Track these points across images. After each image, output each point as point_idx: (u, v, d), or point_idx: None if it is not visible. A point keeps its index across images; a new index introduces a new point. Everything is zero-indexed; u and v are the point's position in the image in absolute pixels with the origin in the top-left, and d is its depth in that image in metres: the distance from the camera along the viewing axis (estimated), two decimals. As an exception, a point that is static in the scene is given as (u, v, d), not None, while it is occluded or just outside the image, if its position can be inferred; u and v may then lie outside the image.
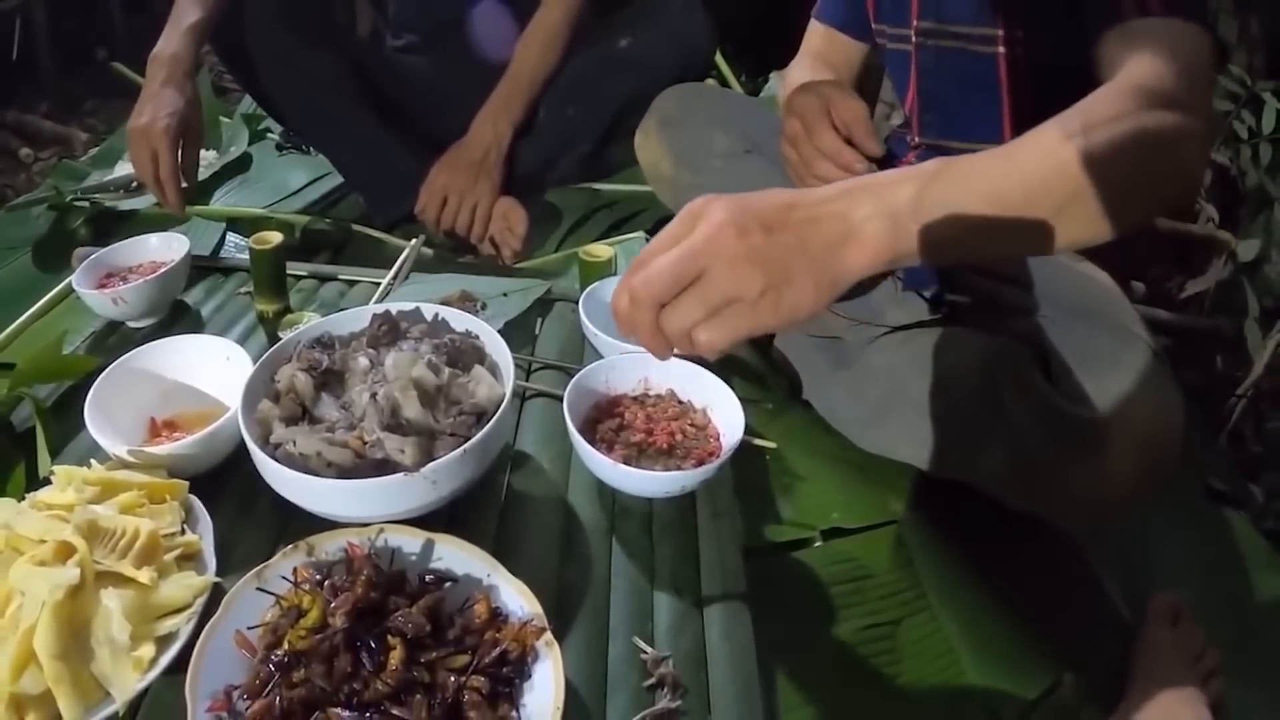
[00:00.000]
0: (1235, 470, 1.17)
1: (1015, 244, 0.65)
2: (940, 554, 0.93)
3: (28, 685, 0.61)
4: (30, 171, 2.05)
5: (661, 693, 0.66)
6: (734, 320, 0.56)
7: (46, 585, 0.63)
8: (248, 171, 1.65)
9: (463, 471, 0.72)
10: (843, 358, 0.97)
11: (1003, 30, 0.90)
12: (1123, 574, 0.93)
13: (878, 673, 0.82)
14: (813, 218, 0.57)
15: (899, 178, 0.60)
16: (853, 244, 0.57)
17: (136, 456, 0.78)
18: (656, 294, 0.56)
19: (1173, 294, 1.45)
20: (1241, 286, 1.31)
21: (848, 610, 0.87)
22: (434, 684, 0.59)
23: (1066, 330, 0.85)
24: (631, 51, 1.47)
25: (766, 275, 0.54)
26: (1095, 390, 0.77)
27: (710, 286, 0.55)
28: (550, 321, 1.11)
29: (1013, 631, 0.86)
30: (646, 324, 0.57)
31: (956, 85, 0.98)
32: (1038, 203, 0.61)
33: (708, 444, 0.84)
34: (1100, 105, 0.65)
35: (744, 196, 0.57)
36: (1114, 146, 0.62)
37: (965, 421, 0.86)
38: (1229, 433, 1.29)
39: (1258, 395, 1.29)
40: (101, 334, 1.08)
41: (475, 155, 1.40)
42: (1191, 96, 0.66)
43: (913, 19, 0.98)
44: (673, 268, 0.55)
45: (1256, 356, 1.27)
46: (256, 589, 0.65)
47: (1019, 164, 0.61)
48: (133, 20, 2.60)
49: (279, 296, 1.07)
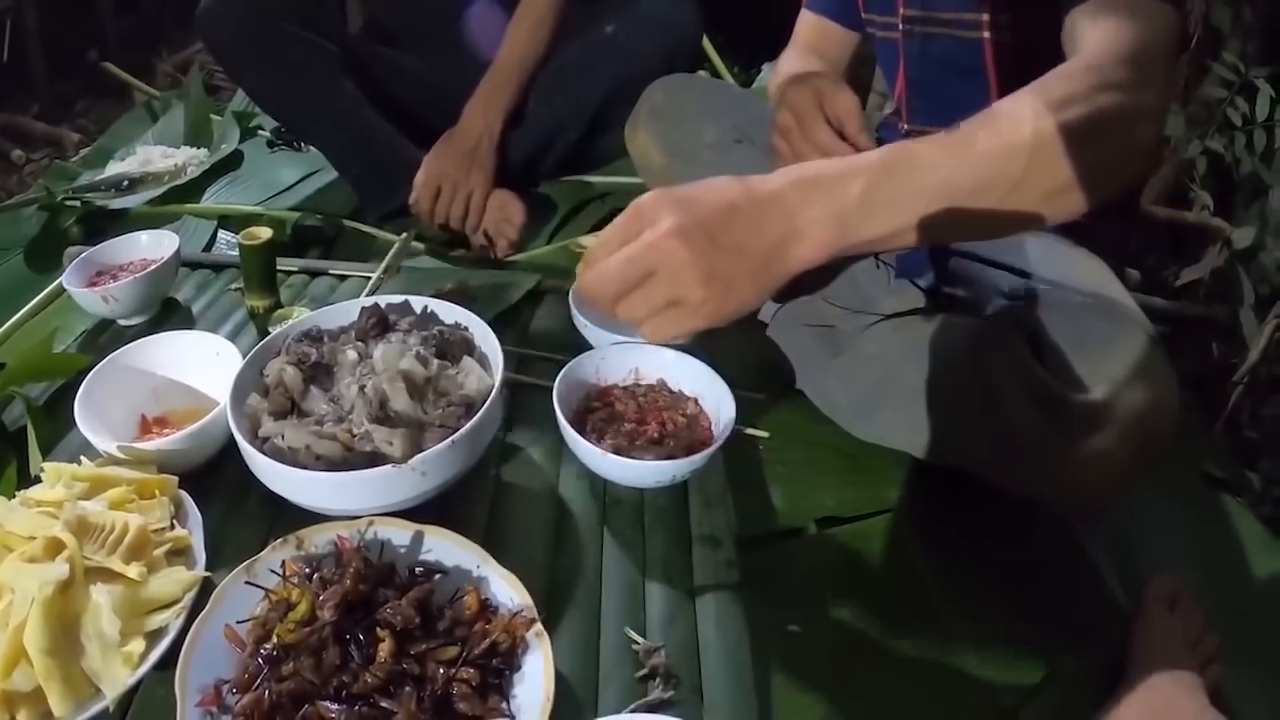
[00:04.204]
0: (1232, 457, 1.17)
1: (963, 232, 0.66)
2: (935, 542, 0.92)
3: (18, 681, 0.61)
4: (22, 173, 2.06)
5: (654, 683, 0.66)
6: (678, 320, 0.59)
7: (36, 581, 0.63)
8: (239, 169, 1.64)
9: (452, 463, 0.72)
10: (836, 346, 0.97)
11: (987, 15, 0.90)
12: (1120, 560, 0.93)
13: (873, 661, 0.81)
14: (756, 219, 0.59)
15: (847, 171, 0.61)
16: (797, 243, 0.59)
17: (126, 453, 0.79)
18: (606, 293, 0.59)
19: (1168, 282, 1.45)
20: (1237, 274, 1.31)
21: (842, 599, 0.86)
22: (423, 676, 0.59)
23: (1060, 313, 0.85)
24: (617, 38, 1.47)
25: (708, 282, 0.57)
26: (1088, 373, 0.78)
27: (654, 290, 0.58)
28: (542, 313, 1.11)
29: (1009, 618, 0.85)
30: (605, 313, 0.61)
31: (943, 71, 0.98)
32: (987, 192, 0.62)
33: (699, 433, 0.84)
34: (1054, 87, 0.66)
35: (690, 195, 0.59)
36: (1066, 131, 0.62)
37: (958, 407, 0.86)
38: (1225, 420, 1.29)
39: (1253, 382, 1.29)
40: (93, 332, 1.09)
41: (467, 144, 1.39)
42: (1148, 74, 0.67)
43: (899, 7, 0.98)
44: (619, 271, 0.58)
45: (1252, 344, 1.27)
46: (245, 583, 0.65)
47: (969, 153, 0.62)
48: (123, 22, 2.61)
49: (269, 292, 1.07)
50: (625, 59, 1.43)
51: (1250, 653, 0.85)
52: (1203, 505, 1.03)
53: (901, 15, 0.98)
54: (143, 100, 2.03)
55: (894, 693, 0.80)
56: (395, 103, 1.50)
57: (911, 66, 1.01)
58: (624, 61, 1.42)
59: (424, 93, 1.51)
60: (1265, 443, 1.26)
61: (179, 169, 1.61)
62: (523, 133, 1.48)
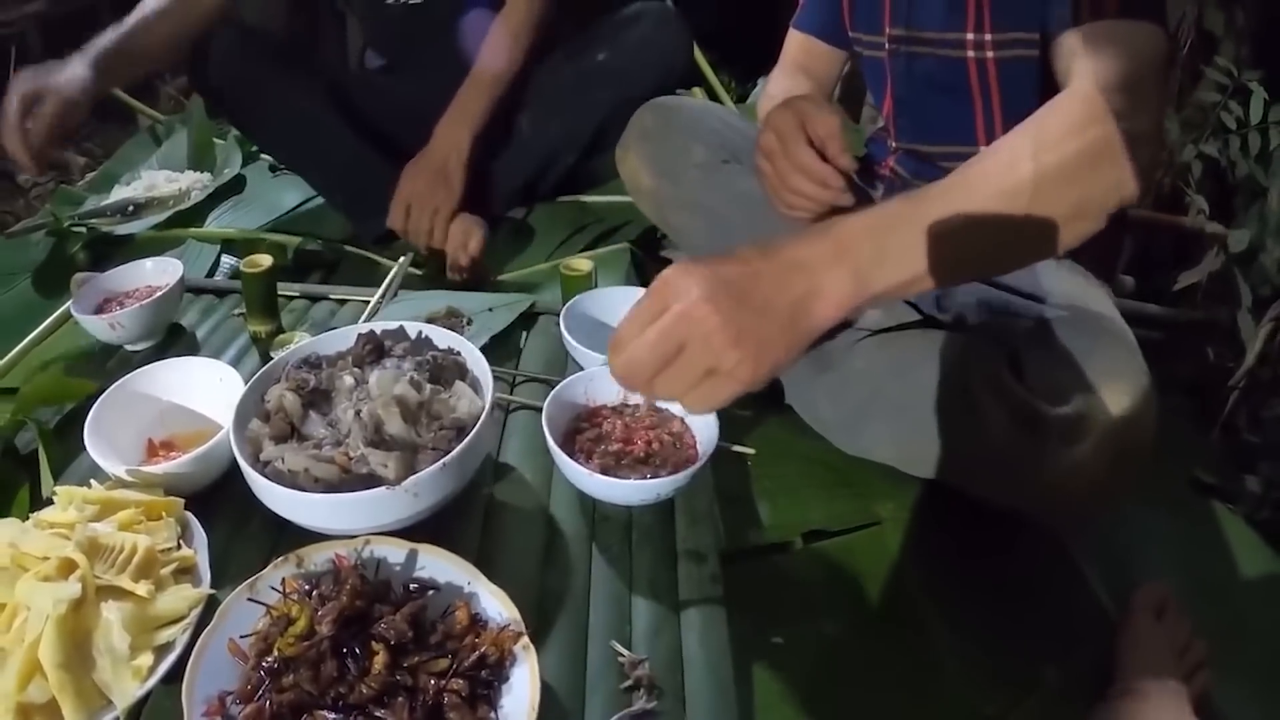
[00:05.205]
0: (1227, 463, 1.17)
1: (976, 271, 0.68)
2: (922, 554, 0.93)
3: (34, 694, 0.64)
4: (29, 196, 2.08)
5: (638, 694, 0.68)
6: (717, 388, 0.58)
7: (50, 599, 0.65)
8: (241, 193, 1.67)
9: (443, 484, 0.74)
10: (824, 362, 0.99)
11: (970, 35, 0.92)
12: (1109, 568, 0.93)
13: (856, 671, 0.82)
14: (780, 279, 0.60)
15: (859, 232, 0.63)
16: (819, 300, 0.60)
17: (134, 476, 0.81)
18: (642, 377, 0.59)
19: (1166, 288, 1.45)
20: (1234, 277, 1.31)
21: (828, 611, 0.87)
22: (416, 687, 0.62)
23: (1038, 327, 0.86)
24: (609, 64, 1.49)
25: (740, 344, 0.57)
26: (1065, 386, 0.79)
27: (689, 363, 0.58)
28: (534, 335, 1.14)
29: (996, 629, 0.86)
30: (643, 393, 0.60)
31: (929, 90, 0.99)
32: (993, 234, 0.64)
33: (684, 452, 0.86)
34: (1049, 122, 0.67)
35: (713, 266, 0.59)
36: (1064, 166, 0.65)
37: (941, 421, 0.88)
38: (1222, 424, 1.29)
39: (1250, 385, 1.29)
40: (101, 357, 1.11)
41: (435, 162, 1.42)
42: (1142, 98, 0.68)
43: (885, 26, 0.99)
44: (652, 349, 0.58)
45: (1249, 347, 1.27)
46: (248, 599, 0.68)
47: (971, 198, 0.64)
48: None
49: (271, 317, 1.10)
50: (619, 84, 1.45)
51: (1241, 660, 0.86)
52: (1194, 512, 1.04)
53: (887, 35, 1.00)
54: (147, 124, 2.05)
55: (878, 703, 0.80)
56: (387, 129, 1.53)
57: (898, 85, 1.03)
58: (618, 87, 1.45)
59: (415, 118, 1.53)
60: (1265, 446, 1.26)
61: (183, 193, 1.63)
62: (518, 158, 1.51)
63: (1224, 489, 1.09)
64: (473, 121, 1.43)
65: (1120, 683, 0.78)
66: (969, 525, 0.93)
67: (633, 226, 1.50)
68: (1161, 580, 0.87)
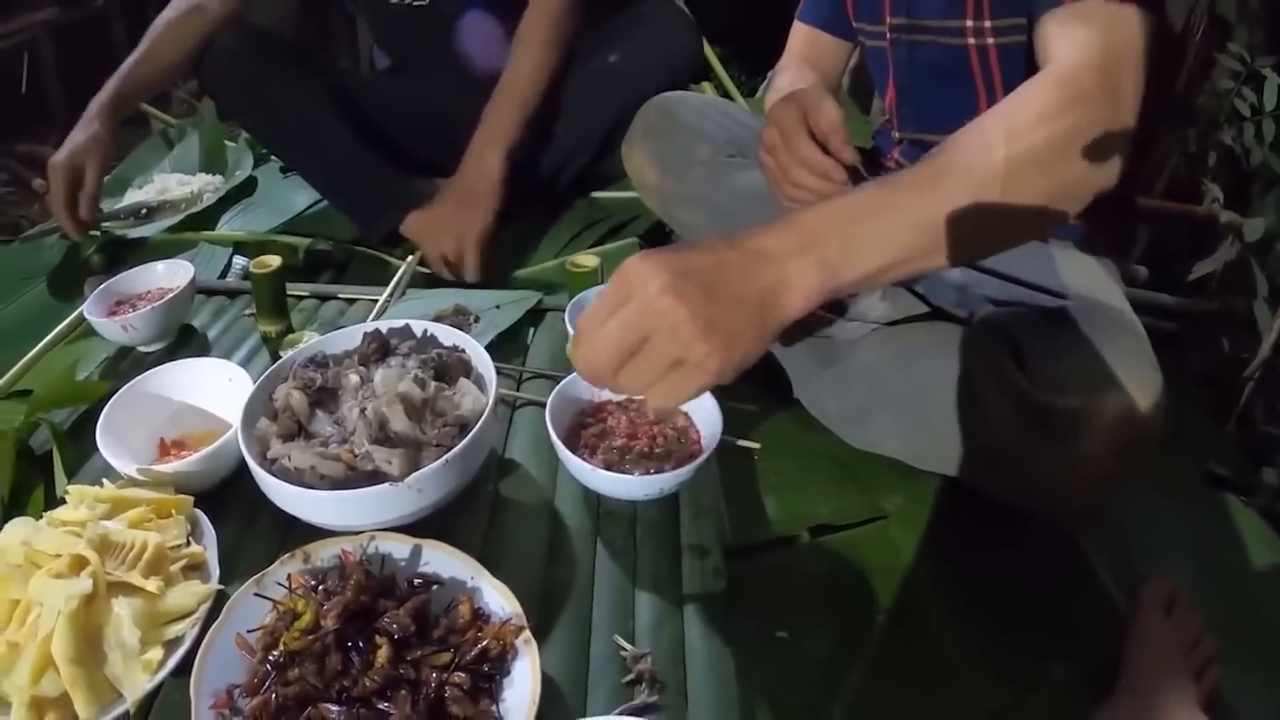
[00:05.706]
0: (1243, 455, 1.15)
1: (949, 259, 0.67)
2: (930, 549, 0.92)
3: (47, 688, 0.65)
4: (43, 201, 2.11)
5: (640, 688, 0.69)
6: (684, 380, 0.57)
7: (63, 595, 0.67)
8: (253, 195, 1.68)
9: (446, 480, 0.75)
10: (831, 356, 0.98)
11: (970, 21, 0.91)
12: (1120, 562, 0.92)
13: (864, 667, 0.81)
14: (748, 270, 0.58)
15: (827, 222, 0.61)
16: (787, 291, 0.59)
17: (145, 475, 0.82)
18: (605, 367, 0.57)
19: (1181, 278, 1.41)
20: (1249, 266, 1.27)
21: (834, 606, 0.87)
22: (419, 680, 0.62)
23: (1043, 318, 0.85)
24: (621, 65, 1.49)
25: (709, 335, 0.55)
26: (1070, 378, 0.78)
27: (655, 354, 0.56)
28: (541, 332, 1.14)
29: (1003, 623, 0.85)
30: (608, 387, 0.59)
31: (931, 79, 0.99)
32: (966, 221, 0.63)
33: (688, 447, 0.86)
34: (1022, 106, 0.67)
35: (677, 255, 0.58)
36: (1037, 151, 0.64)
37: (945, 414, 0.87)
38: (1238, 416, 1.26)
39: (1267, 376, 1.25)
40: (113, 359, 1.13)
41: (463, 187, 1.39)
42: (1117, 82, 0.68)
43: (886, 15, 0.99)
44: (615, 339, 0.56)
45: (1265, 337, 1.24)
46: (255, 595, 0.69)
47: (942, 186, 0.63)
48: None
49: (280, 317, 1.11)
50: (631, 85, 1.44)
51: (1253, 655, 0.84)
52: (1206, 505, 1.02)
53: (889, 24, 0.99)
54: (159, 128, 2.06)
55: (882, 696, 0.79)
56: (391, 130, 1.53)
57: (900, 74, 1.02)
58: (630, 87, 1.43)
59: (420, 119, 1.54)
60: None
61: (195, 196, 1.64)
62: (531, 158, 1.50)
63: (1239, 482, 1.07)
64: (504, 142, 1.39)
65: (1127, 679, 0.77)
66: (977, 519, 0.93)
67: (641, 221, 1.50)
68: (1174, 574, 0.86)
